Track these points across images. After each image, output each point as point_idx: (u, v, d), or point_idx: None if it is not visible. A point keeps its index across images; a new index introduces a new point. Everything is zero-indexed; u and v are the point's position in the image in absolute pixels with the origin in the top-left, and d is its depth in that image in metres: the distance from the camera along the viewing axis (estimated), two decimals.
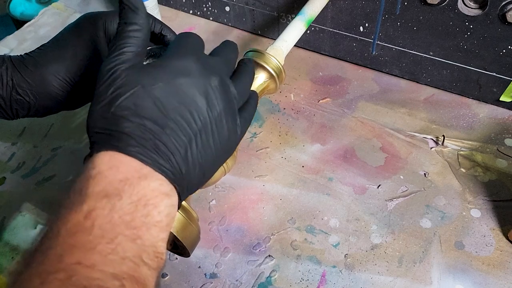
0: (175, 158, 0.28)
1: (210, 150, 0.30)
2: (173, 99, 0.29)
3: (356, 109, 0.57)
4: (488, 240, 0.43)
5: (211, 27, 0.71)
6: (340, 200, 0.48)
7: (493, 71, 0.52)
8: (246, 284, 0.42)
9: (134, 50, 0.30)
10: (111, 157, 0.27)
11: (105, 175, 0.26)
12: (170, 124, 0.28)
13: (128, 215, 0.25)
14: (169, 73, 0.29)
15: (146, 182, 0.26)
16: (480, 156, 0.50)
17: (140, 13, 0.31)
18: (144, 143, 0.27)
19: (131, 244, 0.24)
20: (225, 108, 0.31)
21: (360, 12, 0.55)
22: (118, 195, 0.25)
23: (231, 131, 0.32)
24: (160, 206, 0.26)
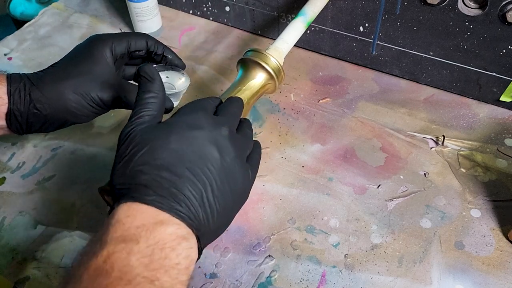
0: (192, 204, 0.30)
1: (228, 195, 0.32)
2: (186, 150, 0.31)
3: (356, 109, 0.57)
4: (488, 240, 0.43)
5: (211, 27, 0.71)
6: (340, 200, 0.48)
7: (493, 71, 0.52)
8: (246, 284, 0.42)
9: (151, 114, 0.34)
10: (129, 207, 0.29)
11: (123, 223, 0.28)
12: (185, 172, 0.30)
13: (145, 258, 0.26)
14: (182, 127, 0.32)
15: (163, 227, 0.28)
16: (480, 156, 0.50)
17: (156, 83, 0.35)
18: (160, 191, 0.29)
19: (149, 285, 0.26)
20: (236, 156, 0.33)
21: (360, 12, 0.55)
22: (135, 240, 0.27)
23: (244, 176, 0.34)
24: (178, 249, 0.28)
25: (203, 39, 0.69)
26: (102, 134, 0.56)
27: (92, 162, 0.53)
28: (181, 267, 0.28)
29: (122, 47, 0.44)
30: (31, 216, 0.48)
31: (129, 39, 0.44)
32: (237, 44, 0.68)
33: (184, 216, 0.29)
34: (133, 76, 0.49)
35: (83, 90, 0.40)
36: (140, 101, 0.34)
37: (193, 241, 0.29)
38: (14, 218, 0.48)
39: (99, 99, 0.41)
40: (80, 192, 0.50)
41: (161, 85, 0.35)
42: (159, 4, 0.70)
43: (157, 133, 0.32)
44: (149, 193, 0.29)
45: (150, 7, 0.65)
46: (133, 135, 0.32)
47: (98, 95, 0.41)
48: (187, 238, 0.29)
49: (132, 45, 0.44)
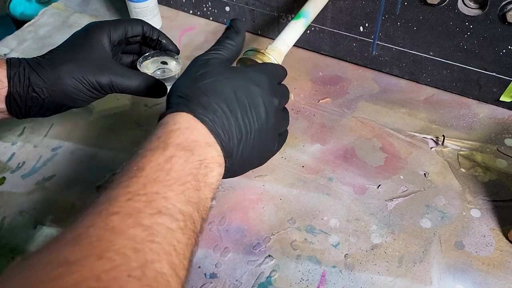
0: (233, 141, 0.34)
1: (255, 150, 0.36)
2: (244, 97, 0.35)
3: (356, 109, 0.57)
4: (488, 240, 0.43)
5: (211, 27, 0.71)
6: (340, 200, 0.48)
7: (493, 71, 0.52)
8: (246, 284, 0.42)
9: (227, 55, 0.38)
10: (189, 119, 0.32)
11: (182, 132, 0.32)
12: (238, 113, 0.34)
13: (195, 169, 0.31)
14: (247, 78, 0.36)
15: (210, 149, 0.32)
16: (480, 156, 0.50)
17: (240, 35, 0.40)
18: (214, 118, 0.33)
19: (194, 192, 0.30)
20: (275, 125, 0.37)
21: (360, 12, 0.55)
22: (191, 151, 0.31)
23: (272, 144, 0.38)
24: (214, 171, 0.32)
25: (203, 39, 0.69)
26: (102, 134, 0.56)
27: (92, 162, 0.53)
28: (213, 187, 0.32)
29: (119, 33, 0.46)
30: (31, 216, 0.48)
31: (126, 25, 0.46)
32: None
33: (226, 147, 0.33)
34: (129, 64, 0.51)
35: (81, 74, 0.42)
36: (221, 43, 0.39)
37: (223, 170, 0.33)
38: (14, 218, 0.48)
39: (97, 83, 0.42)
40: (80, 192, 0.50)
41: (242, 40, 0.40)
42: (159, 4, 0.70)
43: (227, 71, 0.36)
44: (206, 114, 0.33)
45: (150, 7, 0.65)
46: (208, 63, 0.36)
47: (96, 80, 0.42)
48: (221, 166, 0.33)
49: (128, 30, 0.46)
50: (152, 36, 0.48)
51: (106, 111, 0.59)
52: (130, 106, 0.59)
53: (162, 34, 0.49)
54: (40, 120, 0.58)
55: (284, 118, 0.40)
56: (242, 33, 0.40)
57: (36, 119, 0.58)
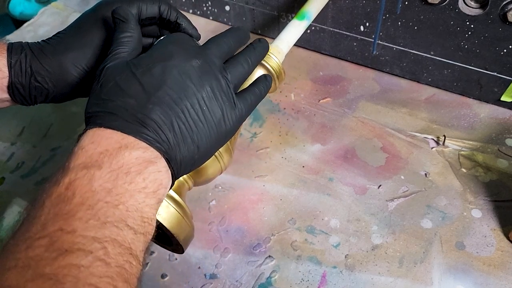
0: (159, 127, 0.29)
1: (202, 125, 0.32)
2: (154, 80, 0.31)
3: (356, 109, 0.56)
4: (489, 240, 0.43)
5: (211, 26, 0.71)
6: (340, 200, 0.47)
7: (494, 71, 0.52)
8: (246, 285, 0.42)
9: (126, 51, 0.34)
10: (94, 133, 0.29)
11: (86, 150, 0.28)
12: (152, 99, 0.30)
13: (109, 183, 0.26)
14: (152, 59, 0.32)
15: (128, 151, 0.28)
16: (481, 156, 0.50)
17: (130, 23, 0.35)
18: (126, 117, 0.29)
19: (113, 210, 0.26)
20: (213, 86, 0.33)
21: (361, 11, 0.55)
22: (98, 166, 0.27)
23: (226, 109, 0.33)
24: (145, 172, 0.28)
25: (203, 39, 0.68)
26: None
27: None
28: (149, 191, 0.28)
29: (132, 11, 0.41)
30: None
31: (140, 4, 0.41)
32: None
33: (151, 139, 0.29)
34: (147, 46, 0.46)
35: (85, 63, 0.38)
36: (116, 40, 0.34)
37: (161, 164, 0.29)
38: (13, 219, 0.48)
39: None
40: None
41: (135, 25, 0.35)
42: None
43: (126, 66, 0.32)
44: (115, 119, 0.29)
45: None
46: (104, 70, 0.32)
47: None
48: (154, 162, 0.29)
49: (143, 11, 0.41)
50: (170, 18, 0.42)
51: None
52: None
53: (181, 16, 0.44)
54: (39, 120, 0.58)
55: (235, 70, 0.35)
56: (130, 19, 0.35)
57: (36, 119, 0.58)
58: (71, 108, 0.59)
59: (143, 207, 0.27)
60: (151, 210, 0.28)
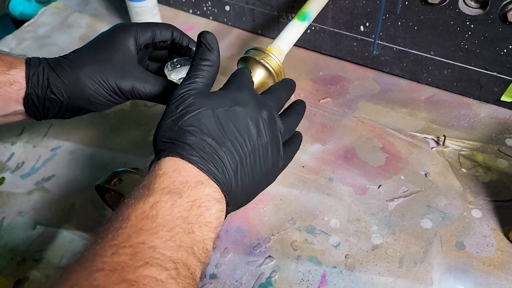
0: (228, 172, 0.33)
1: (256, 173, 0.35)
2: (230, 123, 0.34)
3: (356, 109, 0.56)
4: (489, 240, 0.43)
5: (211, 26, 0.71)
6: (340, 200, 0.47)
7: (494, 71, 0.52)
8: (246, 285, 0.42)
9: (204, 82, 0.36)
10: (175, 162, 0.31)
11: (169, 176, 0.31)
12: (226, 143, 0.33)
13: (185, 212, 0.29)
14: (229, 101, 0.35)
15: (202, 187, 0.31)
16: (481, 156, 0.50)
17: (214, 52, 0.37)
18: (203, 155, 0.32)
19: (186, 236, 0.28)
20: (271, 139, 0.36)
21: (361, 11, 0.55)
22: (179, 194, 0.30)
23: (275, 160, 0.36)
24: (212, 209, 0.31)
25: None
26: (102, 134, 0.56)
27: (91, 162, 0.53)
28: (212, 226, 0.30)
29: (147, 37, 0.43)
30: (30, 217, 0.48)
31: (155, 29, 0.44)
32: (237, 44, 0.67)
33: (220, 181, 0.32)
34: (155, 71, 0.48)
35: (101, 77, 0.40)
36: (197, 67, 0.36)
37: (224, 205, 0.32)
38: (13, 219, 0.48)
39: (117, 88, 0.40)
40: (80, 192, 0.50)
41: (218, 56, 0.37)
42: (158, 4, 0.70)
43: (207, 101, 0.34)
44: (194, 154, 0.32)
45: (150, 7, 0.65)
46: (186, 97, 0.34)
47: (117, 84, 0.40)
48: (220, 202, 0.32)
49: (157, 35, 0.44)
50: (182, 42, 0.45)
51: (106, 111, 0.59)
52: (130, 106, 0.59)
53: (192, 41, 0.46)
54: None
55: (284, 125, 0.38)
56: (216, 48, 0.37)
57: None
58: None
59: (206, 239, 0.30)
60: (210, 243, 0.31)
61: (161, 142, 0.33)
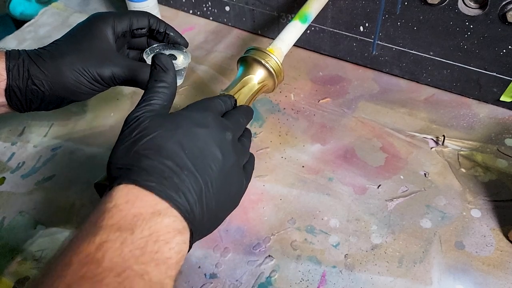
0: (191, 198, 0.29)
1: (222, 197, 0.32)
2: (192, 145, 0.31)
3: (356, 109, 0.57)
4: (488, 240, 0.43)
5: (211, 26, 0.71)
6: (340, 200, 0.48)
7: (493, 71, 0.52)
8: (246, 284, 0.42)
9: (161, 103, 0.34)
10: (129, 190, 0.28)
11: (120, 209, 0.27)
12: (189, 165, 0.30)
13: (138, 250, 0.25)
14: (190, 122, 0.32)
15: (160, 218, 0.27)
16: (481, 156, 0.50)
17: (169, 73, 0.35)
18: (162, 180, 0.28)
19: (138, 280, 0.25)
20: (235, 162, 0.33)
21: (360, 12, 0.55)
22: (130, 230, 0.26)
23: (239, 183, 0.34)
24: (172, 242, 0.27)
25: (203, 39, 0.69)
26: (102, 134, 0.56)
27: (92, 162, 0.53)
28: (172, 262, 0.27)
29: (124, 25, 0.44)
30: (30, 216, 0.48)
31: (131, 17, 0.44)
32: (237, 44, 0.67)
33: (182, 208, 0.29)
34: (136, 59, 0.49)
35: (81, 66, 0.40)
36: (152, 89, 0.34)
37: (187, 236, 0.29)
38: (13, 218, 0.48)
39: (98, 76, 0.41)
40: (80, 192, 0.50)
41: (174, 77, 0.35)
42: (159, 4, 0.70)
43: (165, 122, 0.32)
44: (151, 179, 0.28)
45: (150, 7, 0.65)
46: (141, 120, 0.32)
47: (97, 72, 0.40)
48: (182, 232, 0.28)
49: (134, 22, 0.45)
50: (159, 28, 0.46)
51: (106, 111, 0.59)
52: (130, 106, 0.59)
53: (169, 27, 0.47)
54: (40, 120, 0.58)
55: (243, 148, 0.36)
56: (171, 69, 0.35)
57: (36, 119, 0.58)
58: (71, 108, 0.60)
59: (165, 278, 0.26)
60: (170, 281, 0.27)
61: (115, 169, 0.30)
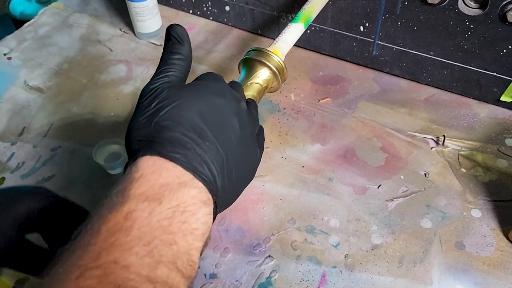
0: (215, 169, 0.29)
1: (242, 168, 0.32)
2: (212, 115, 0.30)
3: (356, 109, 0.57)
4: (488, 240, 0.43)
5: (211, 26, 0.71)
6: (340, 200, 0.48)
7: (493, 71, 0.52)
8: (246, 285, 0.42)
9: (178, 75, 0.33)
10: (154, 162, 0.27)
11: (147, 179, 0.26)
12: (210, 137, 0.29)
13: (166, 220, 0.25)
14: (209, 92, 0.32)
15: (186, 189, 0.27)
16: (481, 156, 0.50)
17: (185, 45, 0.34)
18: (185, 151, 0.28)
19: (166, 249, 0.25)
20: (251, 131, 0.34)
21: (361, 11, 0.55)
22: (158, 200, 0.26)
23: (255, 153, 0.34)
24: (198, 213, 0.27)
25: (203, 39, 0.69)
26: (102, 134, 0.56)
27: (91, 162, 0.53)
28: (198, 233, 0.27)
29: None
30: None
31: None
32: (237, 44, 0.67)
33: (207, 180, 0.28)
34: None
35: None
36: (168, 61, 0.33)
37: (211, 207, 0.28)
38: None
39: None
40: (80, 192, 0.50)
41: (189, 49, 0.34)
42: (159, 4, 0.70)
43: (184, 92, 0.31)
44: (175, 151, 0.28)
45: (150, 7, 0.65)
46: (160, 90, 0.31)
47: None
48: (207, 204, 0.28)
49: None
50: None
51: (106, 111, 0.59)
52: (130, 106, 0.59)
53: None
54: (39, 120, 0.58)
55: (254, 118, 0.36)
56: (186, 41, 0.34)
57: (36, 119, 0.58)
58: (71, 108, 0.60)
59: (192, 249, 0.26)
60: (197, 253, 0.27)
61: (136, 141, 0.29)
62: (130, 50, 0.68)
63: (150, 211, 0.25)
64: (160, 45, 0.68)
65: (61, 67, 0.65)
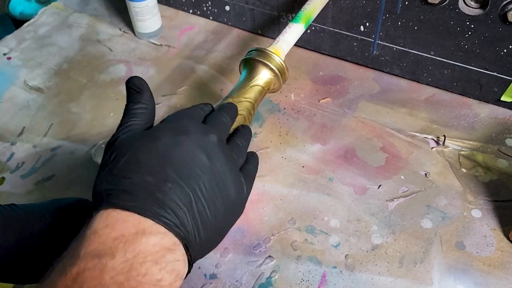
0: (179, 209, 0.27)
1: (217, 203, 0.30)
2: (173, 154, 0.29)
3: (356, 109, 0.56)
4: (489, 240, 0.43)
5: (211, 26, 0.71)
6: (340, 200, 0.47)
7: (494, 71, 0.52)
8: (246, 285, 0.42)
9: (140, 123, 0.32)
10: (108, 215, 0.26)
11: (99, 234, 0.25)
12: (171, 175, 0.28)
13: (121, 275, 0.23)
14: (168, 132, 0.30)
15: (145, 238, 0.25)
16: (481, 156, 0.50)
17: (144, 93, 0.33)
18: (144, 197, 0.26)
19: None
20: (226, 163, 0.31)
21: (361, 11, 0.55)
22: (111, 254, 0.24)
23: (237, 186, 0.31)
24: (162, 262, 0.25)
25: (203, 39, 0.69)
26: (102, 134, 0.56)
27: (91, 162, 0.53)
28: (165, 283, 0.25)
29: None
30: None
31: None
32: (237, 44, 0.67)
33: (170, 223, 0.26)
34: None
35: None
36: (129, 111, 0.33)
37: (179, 252, 0.26)
38: None
39: None
40: (80, 192, 0.50)
41: (150, 97, 0.34)
42: (158, 4, 0.70)
43: (141, 138, 0.30)
44: (131, 199, 0.26)
45: (150, 7, 0.65)
46: (118, 142, 0.30)
47: None
48: (173, 250, 0.26)
49: None
50: None
51: (106, 111, 0.59)
52: None
53: None
54: (39, 120, 0.58)
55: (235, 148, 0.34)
56: (145, 89, 0.34)
57: (36, 119, 0.58)
58: (71, 108, 0.59)
59: None
60: None
61: (94, 197, 0.28)
62: (130, 50, 0.67)
63: (101, 268, 0.23)
64: (160, 45, 0.68)
65: (60, 67, 0.65)
